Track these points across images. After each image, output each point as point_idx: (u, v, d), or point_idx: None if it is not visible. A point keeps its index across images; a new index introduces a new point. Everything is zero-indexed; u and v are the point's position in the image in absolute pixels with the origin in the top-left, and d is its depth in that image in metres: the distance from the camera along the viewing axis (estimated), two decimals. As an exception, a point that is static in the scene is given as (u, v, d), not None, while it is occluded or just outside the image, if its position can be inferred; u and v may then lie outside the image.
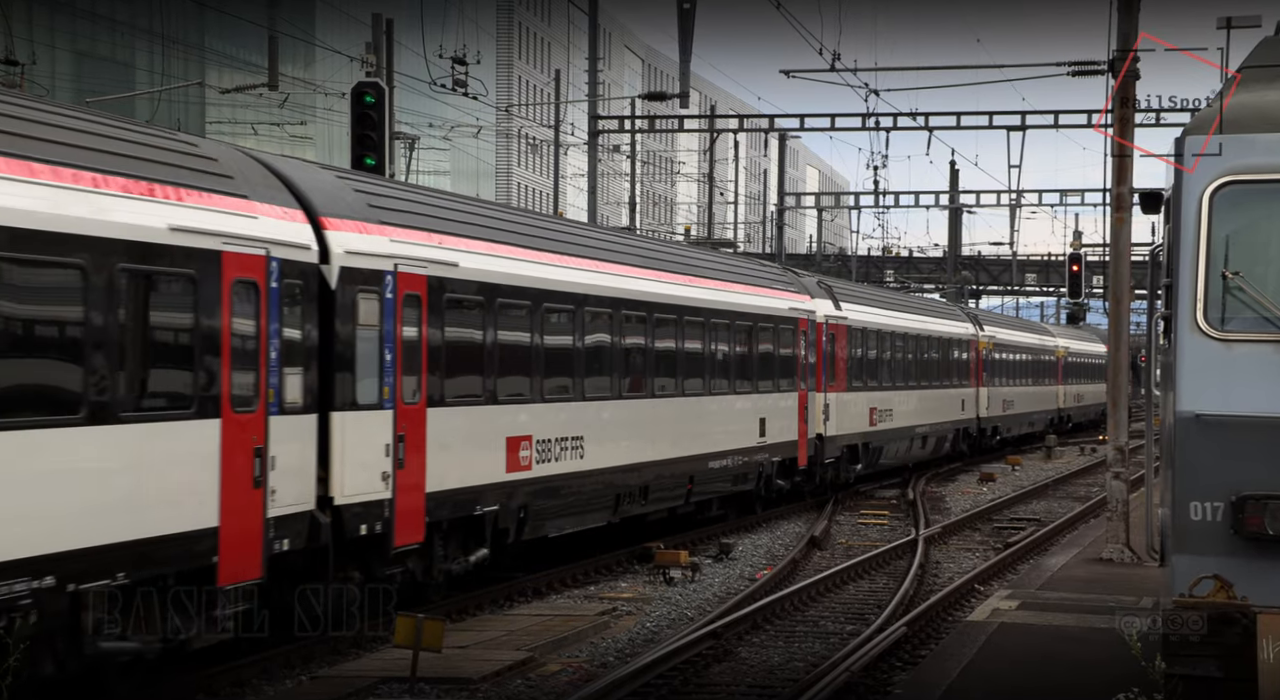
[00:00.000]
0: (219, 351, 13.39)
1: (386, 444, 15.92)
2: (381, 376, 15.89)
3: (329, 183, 16.33)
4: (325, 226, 15.28)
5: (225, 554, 13.35)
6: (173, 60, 59.52)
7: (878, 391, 35.09)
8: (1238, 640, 8.99)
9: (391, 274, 16.12)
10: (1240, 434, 9.34)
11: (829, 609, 19.51)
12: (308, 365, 14.70)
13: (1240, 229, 9.63)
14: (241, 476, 13.55)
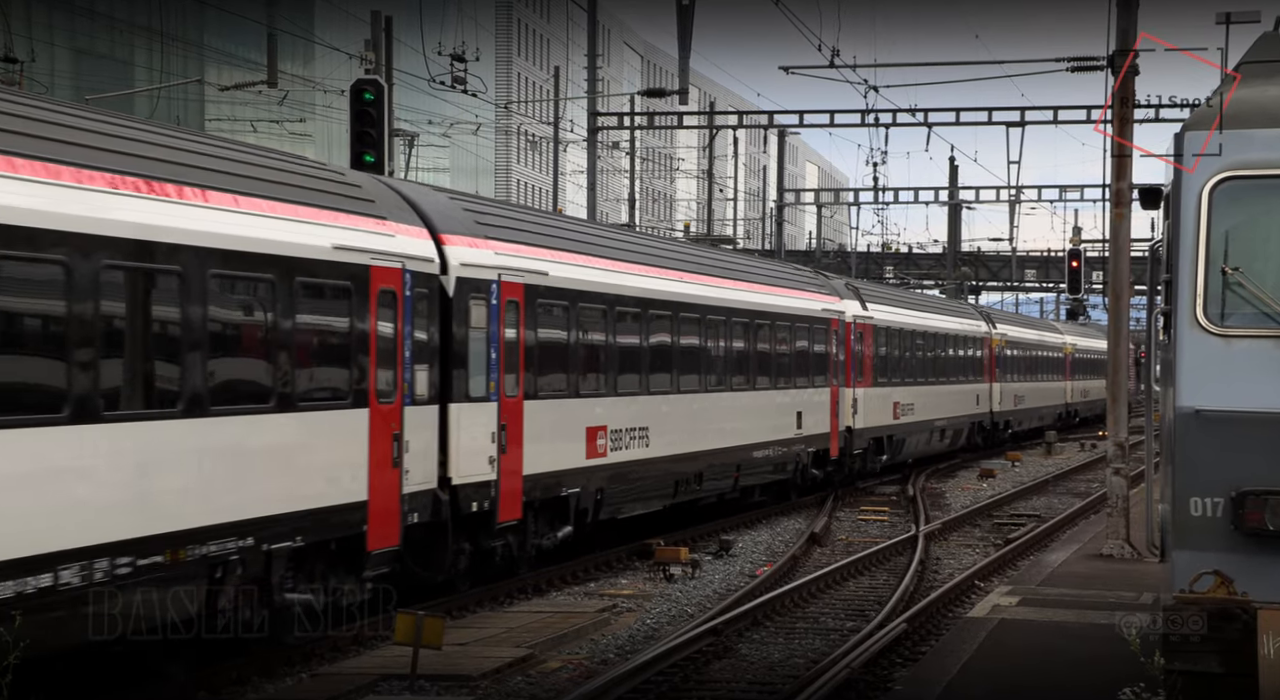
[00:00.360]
0: (368, 350, 15.79)
1: (492, 432, 18.28)
2: (488, 373, 18.24)
3: (444, 203, 18.72)
4: (444, 242, 17.60)
5: (373, 524, 15.73)
6: (172, 57, 59.51)
7: (900, 387, 37.11)
8: (1238, 636, 8.98)
9: (496, 282, 18.50)
10: (1240, 429, 9.34)
11: (829, 605, 19.51)
12: (431, 362, 17.07)
13: (1240, 224, 9.62)
14: (384, 458, 15.95)
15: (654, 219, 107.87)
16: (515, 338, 18.84)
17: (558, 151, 49.14)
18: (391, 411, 16.13)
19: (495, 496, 18.29)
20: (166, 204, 12.98)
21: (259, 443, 14.12)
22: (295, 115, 55.10)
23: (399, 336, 16.31)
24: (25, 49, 39.81)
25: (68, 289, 11.71)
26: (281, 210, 14.61)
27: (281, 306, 14.42)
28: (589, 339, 21.03)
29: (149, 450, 12.66)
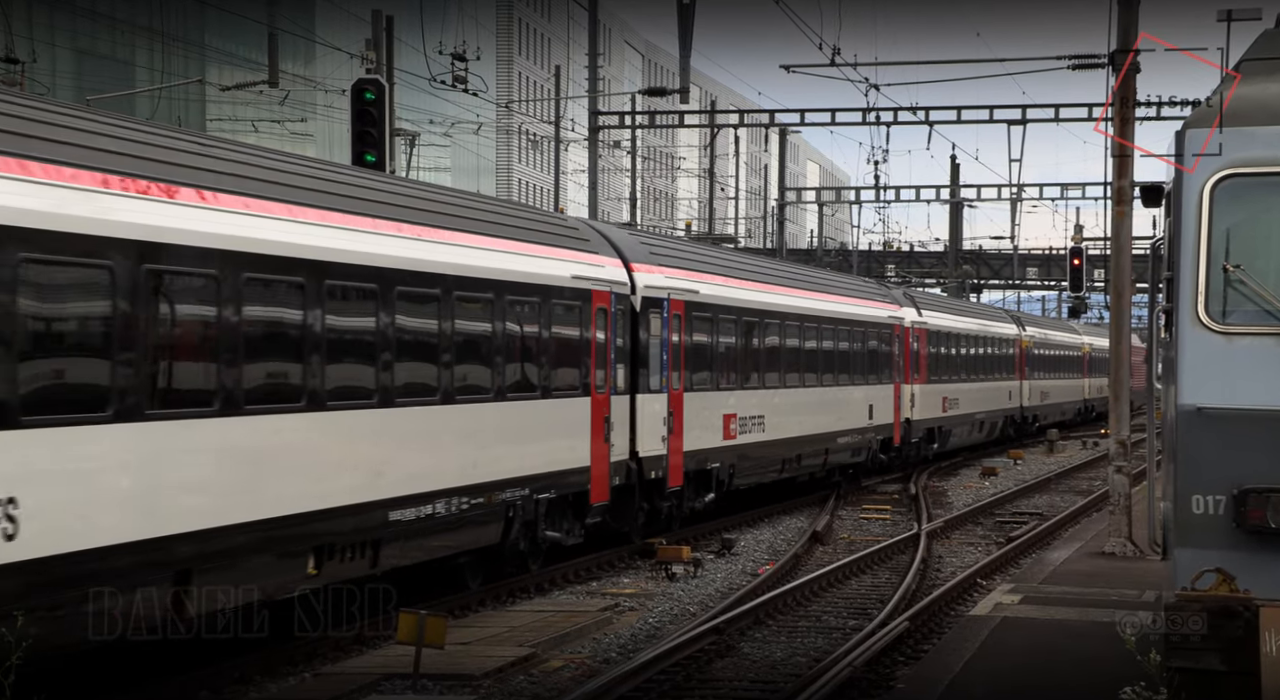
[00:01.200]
0: (589, 353, 21.02)
1: (663, 417, 23.58)
2: (661, 371, 23.53)
3: (629, 239, 24.28)
4: (633, 270, 22.93)
5: (594, 483, 21.08)
6: (173, 58, 59.52)
7: (948, 384, 42.15)
8: (1240, 633, 8.98)
9: (666, 300, 23.80)
10: (1242, 427, 9.34)
11: (831, 604, 19.52)
12: (625, 362, 22.29)
13: (1241, 222, 9.62)
14: (600, 434, 21.29)
15: (655, 218, 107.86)
16: (678, 342, 24.18)
17: (559, 151, 49.15)
18: (604, 400, 21.44)
19: (666, 467, 23.56)
20: (479, 251, 18.36)
21: (532, 420, 19.53)
22: (296, 115, 55.11)
23: (608, 343, 21.57)
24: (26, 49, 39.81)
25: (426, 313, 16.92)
26: (543, 252, 20.17)
27: (543, 321, 19.73)
28: (725, 343, 26.46)
29: (476, 423, 18.11)
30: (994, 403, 48.09)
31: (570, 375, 20.47)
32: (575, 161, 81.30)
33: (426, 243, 17.12)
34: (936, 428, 40.69)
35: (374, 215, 16.26)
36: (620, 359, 22.03)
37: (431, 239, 17.23)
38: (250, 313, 13.87)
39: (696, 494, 25.18)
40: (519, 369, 19.09)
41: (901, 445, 37.30)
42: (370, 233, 16.04)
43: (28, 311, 11.36)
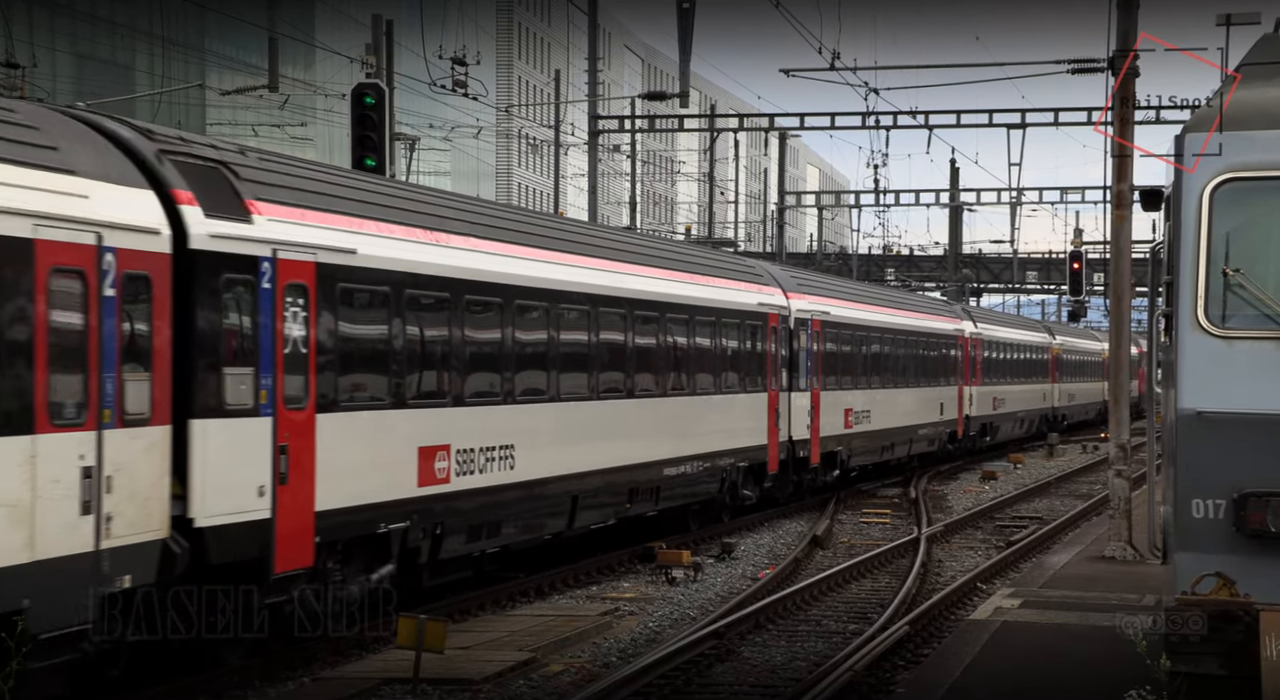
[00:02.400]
0: (765, 359, 28.34)
1: (808, 410, 30.65)
2: (806, 374, 30.54)
3: (782, 272, 32.66)
4: (788, 296, 30.20)
5: (770, 457, 28.24)
6: (173, 62, 59.52)
7: (996, 385, 49.12)
8: (1240, 637, 8.97)
9: (809, 319, 31.02)
10: (1242, 431, 9.33)
11: (831, 608, 19.50)
12: (785, 366, 29.47)
13: (1241, 226, 9.62)
14: (772, 422, 28.45)
15: (655, 222, 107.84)
16: (817, 352, 31.24)
17: (559, 155, 49.16)
18: (775, 395, 28.77)
19: (810, 448, 30.64)
20: (709, 288, 26.24)
21: (736, 409, 27.00)
22: (296, 119, 55.11)
23: (778, 352, 28.97)
24: (27, 54, 39.82)
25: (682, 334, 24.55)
26: (742, 287, 28.12)
27: (743, 337, 27.36)
28: (845, 351, 33.57)
29: (706, 410, 25.57)
30: (1032, 403, 55.62)
31: (756, 377, 28.01)
32: (575, 165, 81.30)
33: (686, 284, 25.34)
34: (988, 423, 47.81)
35: (632, 261, 23.64)
36: (784, 364, 29.47)
37: (686, 281, 25.44)
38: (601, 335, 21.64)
39: (827, 470, 32.32)
40: (729, 372, 26.70)
41: (963, 437, 44.48)
42: (643, 277, 23.62)
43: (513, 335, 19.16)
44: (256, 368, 14.15)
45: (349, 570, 15.56)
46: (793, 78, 37.99)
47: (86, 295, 12.13)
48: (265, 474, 14.14)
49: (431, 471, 17.07)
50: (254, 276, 14.18)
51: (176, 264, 13.14)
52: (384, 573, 16.10)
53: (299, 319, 14.75)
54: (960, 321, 45.66)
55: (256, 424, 14.12)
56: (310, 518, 14.73)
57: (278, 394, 14.39)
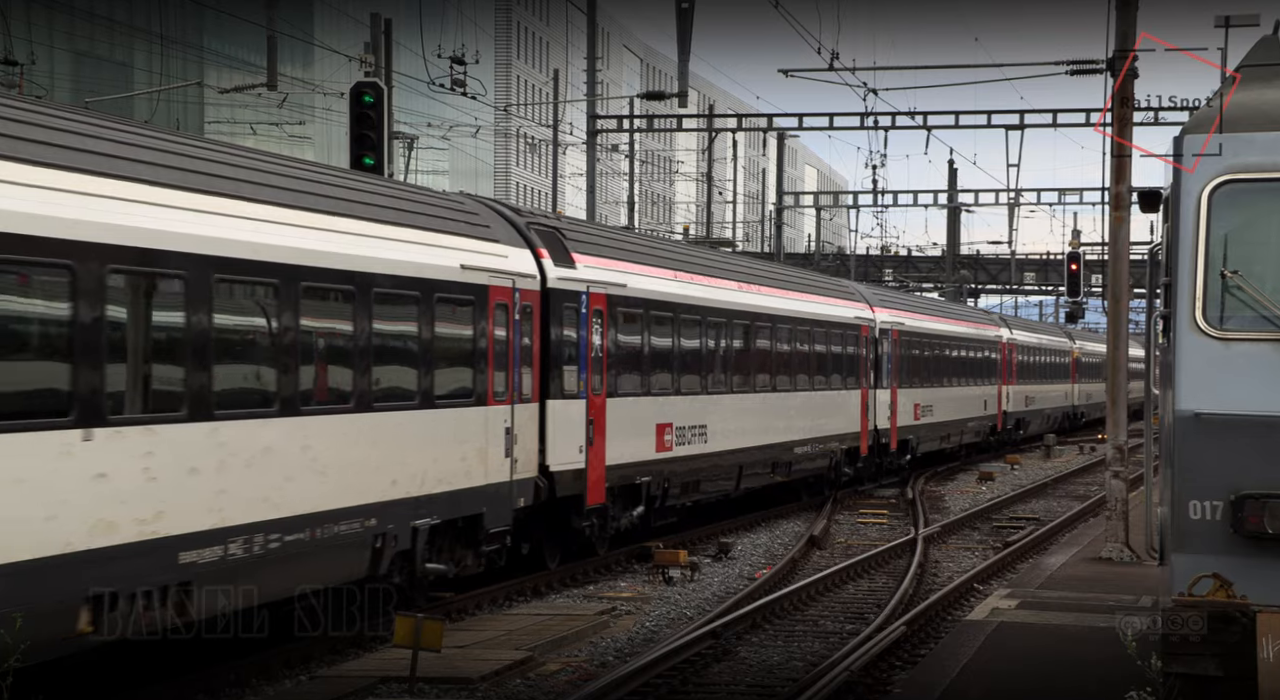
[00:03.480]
0: (859, 361, 34.43)
1: (887, 403, 36.78)
2: (887, 375, 36.68)
3: (869, 289, 40.48)
4: (873, 310, 36.46)
5: (862, 443, 34.17)
6: (171, 60, 59.49)
7: (1027, 385, 55.48)
8: (1237, 639, 8.98)
9: (890, 329, 37.31)
10: (1239, 433, 9.33)
11: (828, 608, 19.51)
12: (871, 367, 35.42)
13: (1239, 227, 9.62)
14: (865, 413, 34.55)
15: (653, 222, 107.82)
16: (898, 356, 37.70)
17: (557, 154, 49.15)
18: (866, 392, 34.86)
19: (889, 436, 36.73)
20: (820, 305, 32.45)
21: (839, 402, 32.91)
22: (295, 118, 55.09)
23: (868, 356, 35.13)
24: (25, 52, 39.80)
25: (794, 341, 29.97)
26: (842, 304, 34.36)
27: (845, 343, 33.24)
28: (914, 355, 39.64)
29: (822, 402, 31.57)
30: (1056, 401, 62.23)
31: (853, 377, 34.28)
32: (573, 165, 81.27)
33: (810, 303, 32.15)
34: (1021, 418, 54.13)
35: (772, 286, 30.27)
36: (871, 365, 35.43)
37: (810, 300, 32.28)
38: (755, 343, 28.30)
39: (900, 455, 38.03)
40: (836, 373, 32.97)
41: (1001, 430, 50.75)
42: (782, 298, 30.46)
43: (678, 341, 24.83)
44: (578, 366, 20.97)
45: (618, 508, 22.47)
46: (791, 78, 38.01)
47: (507, 320, 18.91)
48: (581, 438, 21.02)
49: (663, 442, 23.96)
50: (577, 305, 21.06)
51: (541, 298, 20.01)
52: (638, 512, 23.03)
53: (597, 332, 21.63)
54: (997, 328, 52.49)
55: (577, 404, 20.94)
56: (603, 470, 21.67)
57: (588, 384, 21.26)
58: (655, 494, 23.49)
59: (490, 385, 18.23)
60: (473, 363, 17.88)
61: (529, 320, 19.41)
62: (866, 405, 34.89)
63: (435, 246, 17.33)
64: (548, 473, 19.81)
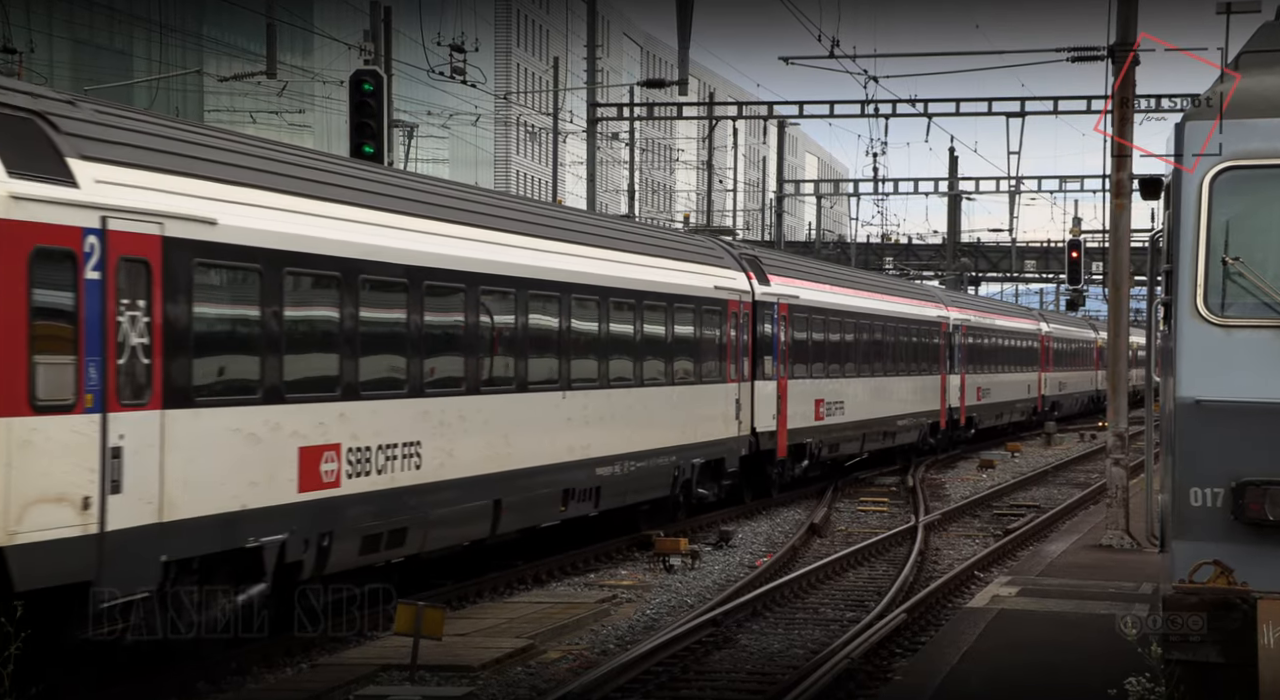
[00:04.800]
0: (939, 351, 41.89)
1: (958, 387, 43.64)
2: (956, 361, 43.34)
3: (942, 292, 48.23)
4: (948, 310, 43.87)
5: (941, 419, 42.02)
6: (171, 48, 59.42)
7: (1061, 372, 63.16)
8: (1238, 626, 8.98)
9: (960, 325, 44.29)
10: (1240, 420, 9.32)
11: (829, 596, 19.52)
12: (950, 356, 42.77)
13: (1240, 214, 9.60)
14: (944, 395, 41.87)
15: (653, 210, 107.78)
16: (965, 346, 44.68)
17: (557, 142, 49.10)
18: (945, 377, 41.93)
19: (959, 414, 44.06)
20: (914, 307, 40.75)
21: (924, 387, 40.07)
22: (294, 106, 55.02)
23: (944, 347, 42.07)
24: (24, 39, 39.76)
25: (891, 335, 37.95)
26: (928, 305, 42.25)
27: (926, 337, 40.42)
28: (983, 347, 47.69)
29: (911, 385, 39.05)
30: (1084, 386, 69.39)
31: (934, 364, 41.30)
32: (573, 153, 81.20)
33: (910, 306, 40.33)
34: (1055, 401, 62.14)
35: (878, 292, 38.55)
36: (950, 355, 42.92)
37: (910, 304, 40.62)
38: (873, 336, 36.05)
39: (966, 429, 45.30)
40: (923, 361, 40.29)
41: (1040, 412, 58.19)
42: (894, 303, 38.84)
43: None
44: (772, 356, 28.67)
45: (791, 461, 30.20)
46: (792, 65, 37.91)
47: (736, 324, 26.63)
48: (774, 409, 28.72)
49: (819, 413, 31.75)
50: (771, 312, 28.78)
51: (751, 307, 27.59)
52: (804, 465, 30.89)
53: (783, 332, 29.39)
54: (1039, 323, 60.35)
55: (771, 384, 28.69)
56: (786, 433, 29.41)
57: (778, 369, 28.99)
58: (815, 452, 31.39)
59: (729, 369, 26.30)
60: (720, 354, 26.01)
61: (745, 324, 27.37)
62: (944, 388, 42.62)
63: (700, 273, 25.73)
64: (754, 433, 27.61)
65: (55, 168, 12.02)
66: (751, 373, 27.64)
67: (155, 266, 12.79)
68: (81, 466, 11.88)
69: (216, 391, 13.66)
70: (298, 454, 14.60)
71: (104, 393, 12.13)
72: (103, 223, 12.19)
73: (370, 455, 15.72)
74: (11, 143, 11.70)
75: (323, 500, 14.88)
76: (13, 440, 11.31)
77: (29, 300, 11.51)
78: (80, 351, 11.94)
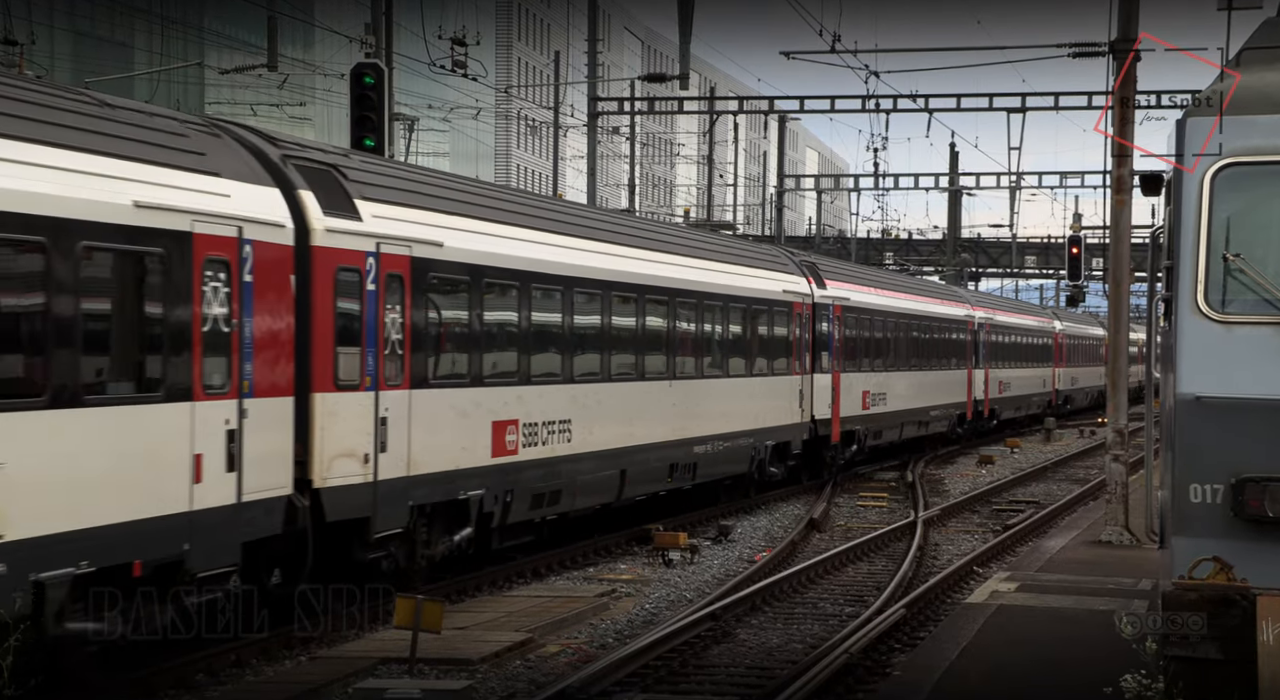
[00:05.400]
0: (966, 347, 45.52)
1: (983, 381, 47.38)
2: (981, 357, 46.69)
3: (967, 293, 53.16)
4: (973, 310, 47.62)
5: (969, 410, 45.36)
6: (172, 41, 59.40)
7: (1073, 368, 66.59)
8: (1237, 622, 8.98)
9: (984, 324, 48.20)
10: (1240, 416, 9.32)
11: (828, 591, 19.53)
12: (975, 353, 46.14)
13: (1241, 211, 9.60)
14: (970, 387, 45.51)
15: (654, 204, 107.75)
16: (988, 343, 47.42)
17: (558, 136, 49.08)
18: (971, 371, 45.13)
19: (984, 404, 46.69)
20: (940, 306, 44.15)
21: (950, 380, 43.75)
22: (295, 99, 55.02)
23: (970, 343, 45.16)
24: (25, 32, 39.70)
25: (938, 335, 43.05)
26: (954, 305, 45.91)
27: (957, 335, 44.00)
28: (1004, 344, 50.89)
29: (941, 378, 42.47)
30: (1093, 381, 71.38)
31: (961, 359, 44.31)
32: (574, 147, 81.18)
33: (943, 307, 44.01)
34: (1068, 395, 65.26)
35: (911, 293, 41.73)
36: (973, 351, 45.76)
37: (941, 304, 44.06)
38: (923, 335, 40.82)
39: (989, 419, 48.80)
40: (952, 357, 43.53)
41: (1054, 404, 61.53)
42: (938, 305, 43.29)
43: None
44: (828, 352, 31.98)
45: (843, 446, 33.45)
46: (793, 60, 37.93)
47: (801, 323, 29.95)
48: (829, 399, 32.28)
49: (866, 403, 35.23)
50: (828, 313, 32.14)
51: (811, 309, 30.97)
52: (853, 450, 34.13)
53: (837, 329, 32.81)
54: (1054, 321, 64.18)
55: (827, 377, 32.18)
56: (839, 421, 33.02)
57: (833, 364, 32.40)
58: (862, 438, 34.64)
59: (794, 364, 29.32)
60: (787, 350, 29.01)
61: (807, 323, 30.36)
62: (971, 381, 46.30)
63: (771, 279, 29.11)
64: (813, 420, 30.59)
65: (348, 207, 15.94)
66: (811, 366, 30.96)
67: (406, 280, 16.69)
68: (363, 431, 15.83)
69: (441, 376, 17.49)
70: (490, 427, 18.57)
71: (376, 376, 16.06)
72: (377, 247, 16.20)
73: (538, 429, 19.67)
74: (321, 189, 15.56)
75: (507, 464, 18.89)
76: (325, 410, 15.23)
77: (335, 307, 15.45)
78: (363, 344, 15.85)
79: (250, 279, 14.06)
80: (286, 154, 15.80)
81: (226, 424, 13.69)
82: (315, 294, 15.31)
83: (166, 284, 13.06)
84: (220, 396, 13.67)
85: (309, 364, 15.18)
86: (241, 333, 13.96)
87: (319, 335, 15.36)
